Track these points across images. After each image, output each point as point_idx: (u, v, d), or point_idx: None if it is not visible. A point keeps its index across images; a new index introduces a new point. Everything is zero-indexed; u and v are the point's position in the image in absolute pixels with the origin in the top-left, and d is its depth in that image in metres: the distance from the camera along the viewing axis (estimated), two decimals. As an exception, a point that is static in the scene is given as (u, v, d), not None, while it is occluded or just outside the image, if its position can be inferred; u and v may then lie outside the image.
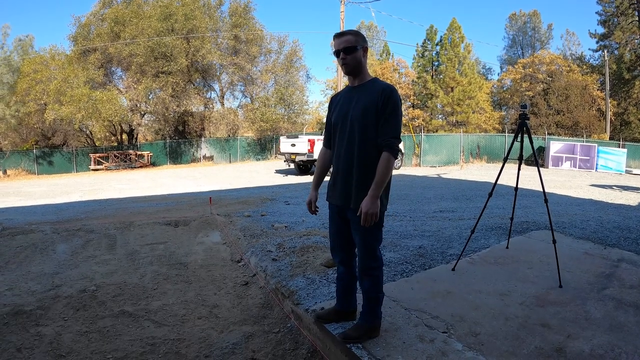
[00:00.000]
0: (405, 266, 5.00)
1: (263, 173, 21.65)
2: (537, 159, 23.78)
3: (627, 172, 25.43)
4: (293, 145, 18.69)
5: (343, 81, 26.47)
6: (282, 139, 20.10)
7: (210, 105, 37.23)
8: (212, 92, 38.88)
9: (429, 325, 3.43)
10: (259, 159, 33.28)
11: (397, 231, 6.82)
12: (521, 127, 4.81)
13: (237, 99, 40.09)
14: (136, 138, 36.60)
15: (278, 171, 22.38)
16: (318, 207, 3.29)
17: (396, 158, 3.27)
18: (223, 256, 6.05)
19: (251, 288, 4.88)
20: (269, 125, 33.17)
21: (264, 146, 34.34)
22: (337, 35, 2.99)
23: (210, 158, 34.03)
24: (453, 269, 4.80)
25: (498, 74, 53.07)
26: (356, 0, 30.57)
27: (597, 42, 41.72)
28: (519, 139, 4.87)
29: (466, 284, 4.41)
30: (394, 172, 19.22)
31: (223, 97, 38.50)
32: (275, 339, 3.75)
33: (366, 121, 2.84)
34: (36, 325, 3.88)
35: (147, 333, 3.84)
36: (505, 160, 5.01)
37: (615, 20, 38.46)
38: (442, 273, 4.74)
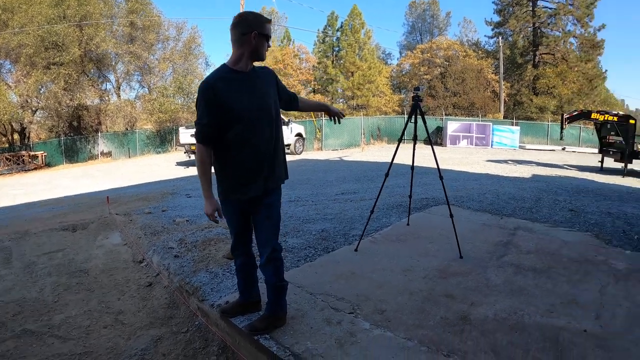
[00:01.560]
0: (308, 251, 5.03)
1: (164, 166, 20.82)
2: (434, 138, 25.29)
3: (521, 147, 27.91)
4: (193, 135, 17.93)
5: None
6: (182, 129, 19.48)
7: (106, 98, 34.67)
8: (108, 83, 36.31)
9: (335, 308, 3.46)
10: (159, 152, 31.75)
11: (299, 216, 6.84)
12: (415, 109, 4.98)
13: (134, 89, 38.17)
14: (28, 137, 33.10)
15: (179, 163, 21.60)
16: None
17: None
18: (125, 258, 5.74)
19: (155, 289, 4.68)
20: (167, 116, 31.61)
21: (163, 138, 32.78)
22: (270, 20, 2.95)
23: (109, 154, 31.87)
24: (356, 250, 4.88)
25: (397, 59, 55.40)
26: None
27: (492, 30, 45.13)
28: (412, 120, 5.04)
29: (369, 263, 4.50)
30: (296, 157, 19.29)
31: (119, 88, 36.16)
32: (184, 339, 3.62)
33: (275, 105, 2.95)
34: None
35: (53, 350, 3.52)
36: (399, 141, 5.20)
37: (511, 9, 41.95)
38: (345, 254, 4.80)
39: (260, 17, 2.85)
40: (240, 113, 2.77)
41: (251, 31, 2.75)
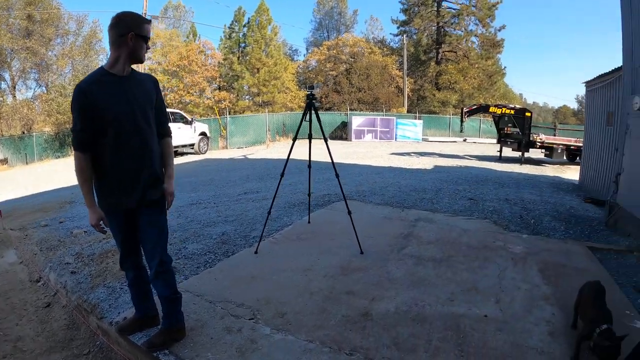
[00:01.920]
0: (208, 256, 4.88)
1: (63, 172, 19.28)
2: (339, 133, 25.53)
3: (424, 139, 29.09)
4: None
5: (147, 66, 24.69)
6: None
7: (1, 98, 32.01)
8: (2, 82, 33.38)
9: (235, 315, 3.37)
10: (59, 157, 29.50)
11: (200, 220, 6.61)
12: (309, 107, 4.99)
13: (31, 88, 35.06)
14: None
15: None
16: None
17: None
18: (21, 278, 5.29)
19: (54, 309, 4.37)
20: (67, 117, 29.28)
21: (63, 141, 30.28)
22: (149, 21, 2.86)
23: (5, 161, 28.96)
24: (256, 252, 4.79)
25: (304, 55, 55.65)
26: None
27: (398, 28, 46.66)
28: (307, 118, 5.03)
29: (270, 265, 4.42)
30: (200, 157, 18.70)
31: (15, 87, 33.27)
32: (87, 361, 3.37)
33: (152, 111, 2.87)
34: None
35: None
36: (294, 140, 5.20)
37: (416, 9, 43.76)
38: (245, 258, 4.70)
39: (139, 18, 2.75)
40: (115, 118, 2.65)
41: (129, 32, 2.64)
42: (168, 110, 18.84)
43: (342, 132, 29.85)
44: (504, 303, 3.60)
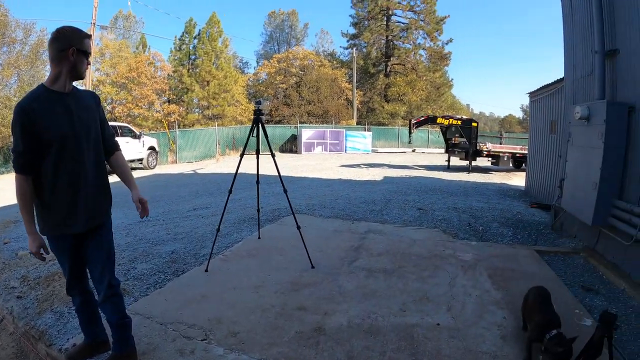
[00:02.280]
0: (158, 276, 4.74)
1: (7, 189, 18.45)
2: (289, 146, 25.51)
3: (374, 151, 29.55)
4: None
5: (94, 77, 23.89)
6: None
7: None
8: None
9: (187, 336, 3.29)
10: (3, 172, 28.15)
11: (149, 238, 6.42)
12: (256, 123, 4.98)
13: None
14: None
15: None
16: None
17: None
18: None
19: (1, 337, 4.13)
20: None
21: (8, 156, 29.03)
22: (90, 36, 2.79)
23: None
24: (206, 270, 4.69)
25: (254, 68, 55.54)
26: None
27: (348, 41, 47.76)
28: (254, 134, 5.02)
29: (221, 283, 4.34)
30: (149, 172, 18.26)
31: None
32: (37, 392, 3.21)
33: (96, 129, 2.78)
34: None
35: None
36: (241, 156, 5.16)
37: (366, 22, 44.90)
38: (195, 276, 4.59)
39: (79, 32, 2.67)
40: (57, 137, 2.54)
41: (69, 47, 2.56)
42: (116, 124, 18.41)
43: (292, 145, 29.95)
44: (455, 310, 3.66)
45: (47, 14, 71.75)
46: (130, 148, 17.72)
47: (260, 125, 4.97)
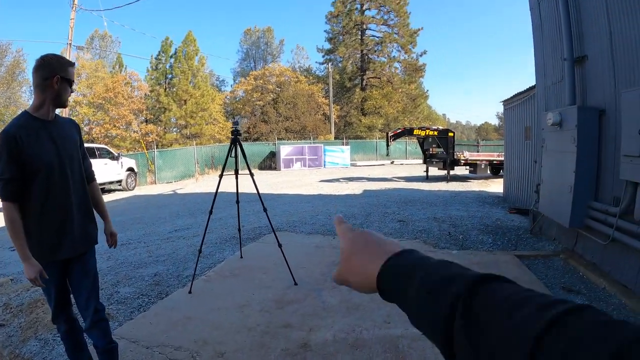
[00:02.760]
0: (142, 300, 4.71)
1: None
2: (268, 163, 25.49)
3: (352, 164, 29.68)
4: None
5: (71, 98, 23.41)
6: None
7: None
8: None
9: (174, 359, 3.27)
10: None
11: (131, 261, 6.37)
12: (234, 143, 5.02)
13: None
14: None
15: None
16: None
17: None
18: None
19: None
20: None
21: None
22: (74, 64, 2.80)
23: None
24: (190, 292, 4.67)
25: (231, 86, 55.53)
26: (88, 8, 27.88)
27: (323, 56, 48.12)
28: (232, 154, 5.05)
29: (205, 304, 4.33)
30: (128, 193, 18.04)
31: None
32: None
33: (78, 157, 2.81)
34: None
35: None
36: (220, 177, 5.16)
37: (341, 37, 45.43)
38: (179, 298, 4.57)
39: (63, 61, 2.70)
40: (42, 164, 2.57)
41: (53, 75, 2.58)
42: (93, 145, 18.18)
43: (271, 161, 29.92)
44: (439, 320, 3.69)
45: (23, 34, 71.10)
46: (108, 170, 17.53)
47: (238, 145, 4.99)
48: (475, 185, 15.45)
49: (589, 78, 5.53)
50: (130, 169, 19.99)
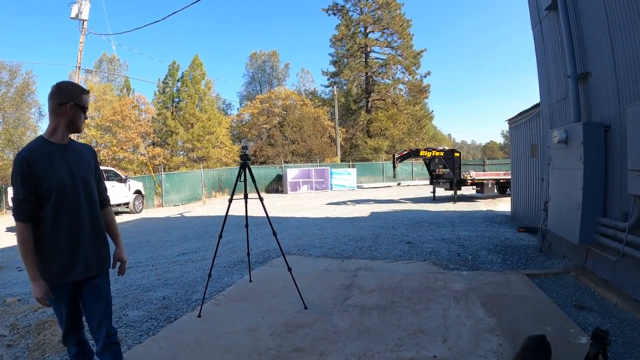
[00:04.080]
0: (150, 323, 4.67)
1: None
2: (275, 186, 25.57)
3: (359, 187, 29.66)
4: None
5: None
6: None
7: None
8: None
9: None
10: None
11: (139, 284, 6.34)
12: (243, 167, 5.04)
13: None
14: None
15: (9, 229, 18.89)
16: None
17: None
18: None
19: None
20: None
21: None
22: (88, 92, 2.89)
23: None
24: (199, 316, 4.63)
25: (237, 109, 55.83)
26: (97, 32, 28.18)
27: (328, 79, 48.58)
28: (242, 178, 5.06)
29: (214, 328, 4.29)
30: (136, 216, 18.07)
31: None
32: None
33: (92, 181, 2.86)
34: None
35: None
36: (230, 201, 5.14)
37: (345, 60, 45.63)
38: (189, 322, 4.53)
39: (77, 88, 2.79)
40: (55, 187, 2.60)
41: (68, 102, 2.67)
42: (101, 167, 18.23)
43: (277, 185, 29.98)
44: (451, 341, 3.66)
45: (33, 56, 72.43)
46: (116, 192, 17.59)
47: (247, 170, 5.01)
48: (482, 205, 15.39)
49: (593, 94, 5.55)
50: (138, 192, 20.08)
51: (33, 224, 2.60)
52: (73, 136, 2.92)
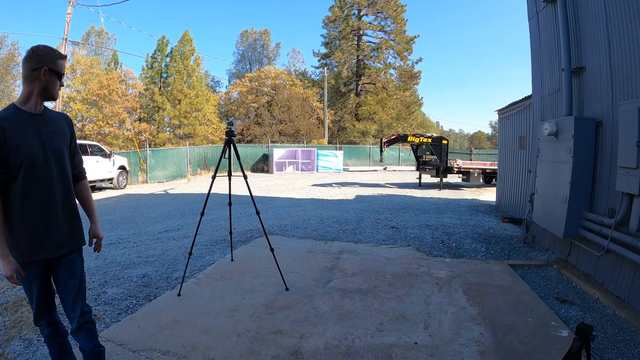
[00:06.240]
0: (129, 301, 4.60)
1: None
2: (261, 165, 25.40)
3: (345, 169, 29.65)
4: None
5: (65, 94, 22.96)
6: None
7: None
8: None
9: None
10: None
11: (119, 261, 6.25)
12: (228, 144, 4.93)
13: None
14: None
15: None
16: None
17: None
18: None
19: None
20: None
21: None
22: (65, 57, 2.69)
23: None
24: (179, 294, 4.58)
25: (226, 87, 55.38)
26: (85, 3, 27.49)
27: (319, 61, 48.52)
28: (226, 155, 4.96)
29: (194, 307, 4.24)
30: (119, 192, 17.88)
31: None
32: None
33: (67, 153, 2.71)
34: None
35: None
36: (213, 178, 5.06)
37: (337, 42, 45.59)
38: (168, 301, 4.47)
39: (53, 52, 2.59)
40: (26, 158, 2.45)
41: (42, 66, 2.50)
42: (86, 142, 17.96)
43: (263, 164, 29.88)
44: (432, 328, 3.65)
45: (19, 27, 70.62)
46: (100, 167, 17.36)
47: (232, 146, 4.92)
48: (467, 194, 15.46)
49: (586, 89, 5.52)
50: (122, 167, 19.81)
51: (2, 198, 2.46)
52: (53, 106, 2.79)
